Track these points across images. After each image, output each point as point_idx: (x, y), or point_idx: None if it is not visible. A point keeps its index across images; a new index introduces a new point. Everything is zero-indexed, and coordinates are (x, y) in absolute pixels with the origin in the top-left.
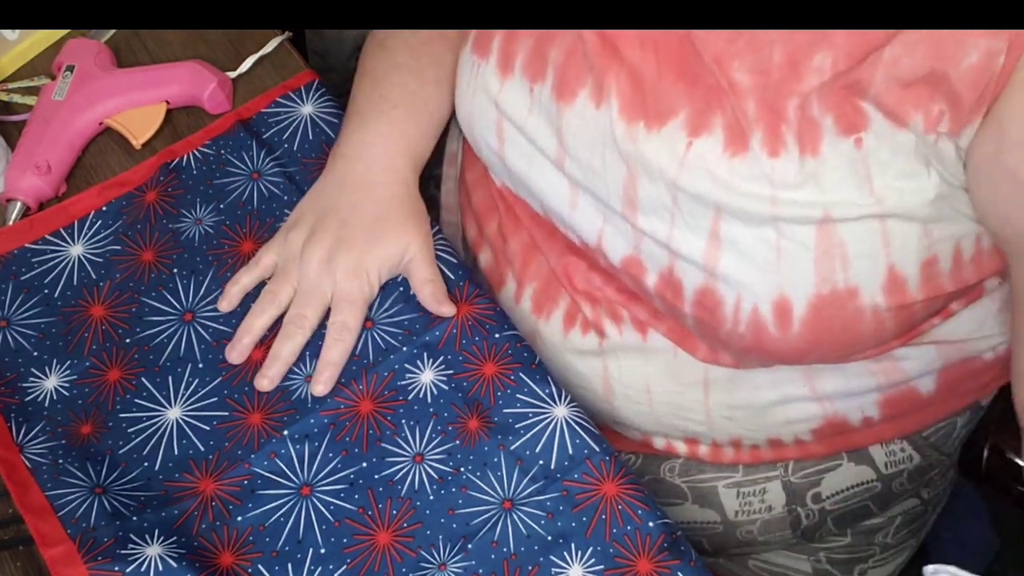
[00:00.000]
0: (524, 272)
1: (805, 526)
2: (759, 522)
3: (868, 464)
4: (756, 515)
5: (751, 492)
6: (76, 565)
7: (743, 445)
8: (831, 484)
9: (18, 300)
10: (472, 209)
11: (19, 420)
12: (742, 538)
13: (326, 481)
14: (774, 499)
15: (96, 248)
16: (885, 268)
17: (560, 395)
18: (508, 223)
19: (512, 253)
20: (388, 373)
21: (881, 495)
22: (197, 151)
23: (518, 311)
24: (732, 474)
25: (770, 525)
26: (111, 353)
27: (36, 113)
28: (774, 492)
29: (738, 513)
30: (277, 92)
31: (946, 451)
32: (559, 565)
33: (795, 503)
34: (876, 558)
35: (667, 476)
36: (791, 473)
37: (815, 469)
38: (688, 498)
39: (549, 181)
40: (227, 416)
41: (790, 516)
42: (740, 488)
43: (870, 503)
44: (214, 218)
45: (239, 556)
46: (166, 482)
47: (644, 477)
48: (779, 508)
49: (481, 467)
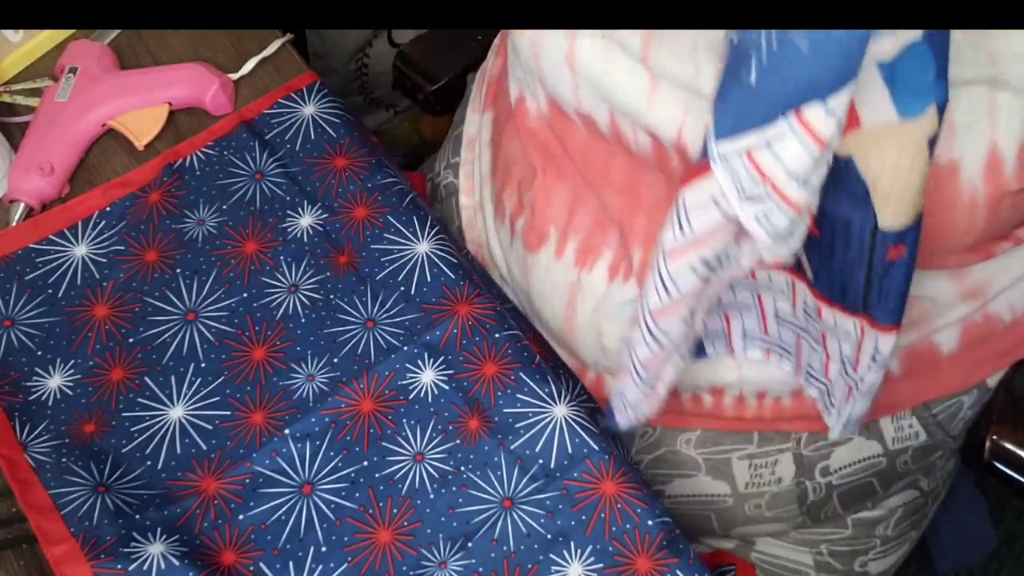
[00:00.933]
0: (569, 224)
1: (811, 501)
2: (767, 495)
3: (877, 439)
4: (765, 487)
5: (763, 464)
6: (79, 563)
7: (768, 396)
8: (840, 458)
9: (22, 300)
10: (512, 180)
11: (23, 419)
12: (750, 513)
13: (327, 480)
14: (784, 471)
15: (100, 248)
16: (988, 144)
17: (560, 394)
18: (551, 174)
19: (556, 208)
20: (389, 373)
21: (886, 472)
22: (200, 152)
23: (559, 266)
24: (746, 445)
25: (778, 499)
26: (114, 352)
27: (39, 114)
28: (785, 464)
29: (748, 485)
30: (279, 93)
31: (951, 432)
32: (559, 564)
33: (804, 476)
34: (877, 550)
35: (683, 448)
36: (803, 446)
37: (826, 442)
38: (702, 469)
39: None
40: (229, 415)
41: (798, 489)
42: (753, 460)
43: (874, 480)
44: (217, 218)
45: (241, 554)
46: (168, 481)
47: (661, 449)
48: (788, 481)
49: (481, 466)
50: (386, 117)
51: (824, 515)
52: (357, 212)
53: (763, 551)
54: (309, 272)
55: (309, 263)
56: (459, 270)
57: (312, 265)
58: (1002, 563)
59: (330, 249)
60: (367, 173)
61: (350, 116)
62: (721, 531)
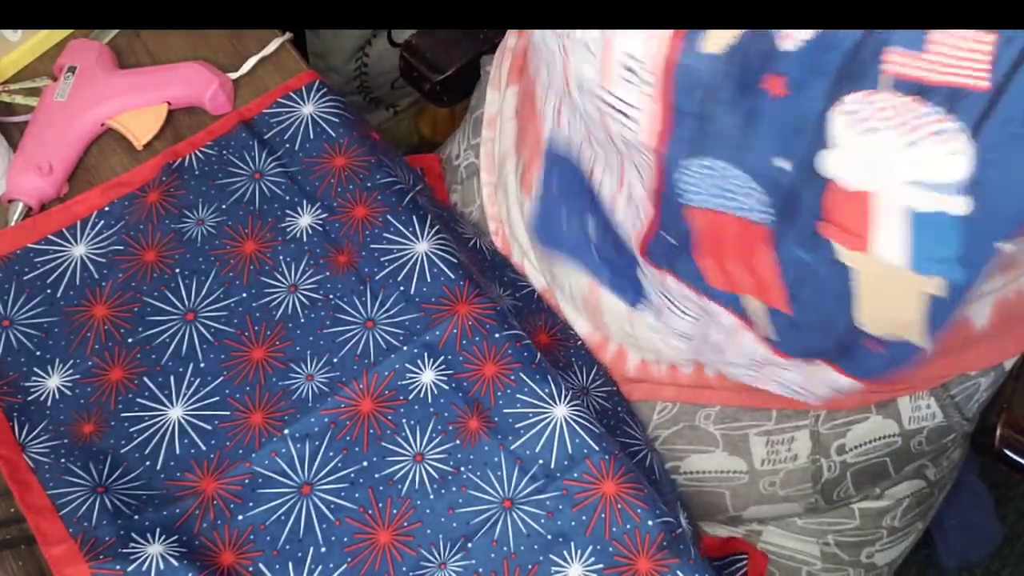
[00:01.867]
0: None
1: (826, 480)
2: (782, 473)
3: (894, 418)
4: (781, 464)
5: (780, 440)
6: (78, 564)
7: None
8: (856, 436)
9: (21, 300)
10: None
11: (21, 419)
12: (764, 492)
13: (327, 480)
14: (800, 448)
15: (99, 248)
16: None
17: (560, 394)
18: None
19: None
20: (389, 373)
21: (900, 452)
22: (199, 151)
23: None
24: (765, 422)
25: (792, 477)
26: (113, 353)
27: (38, 114)
28: (801, 441)
29: (764, 462)
30: (279, 92)
31: (967, 414)
32: (559, 564)
33: (820, 453)
34: (883, 541)
35: (702, 423)
36: (820, 424)
37: (844, 420)
38: (719, 445)
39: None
40: (228, 415)
41: (813, 467)
42: (770, 436)
43: (888, 460)
44: (216, 218)
45: (240, 555)
46: (167, 481)
47: (679, 424)
48: (804, 458)
49: (481, 467)
50: (386, 117)
51: (837, 495)
52: (357, 212)
53: (770, 541)
54: (308, 272)
55: (308, 263)
56: (459, 270)
57: (311, 265)
58: (1005, 561)
59: (329, 249)
60: (366, 172)
61: (350, 115)
62: (734, 510)
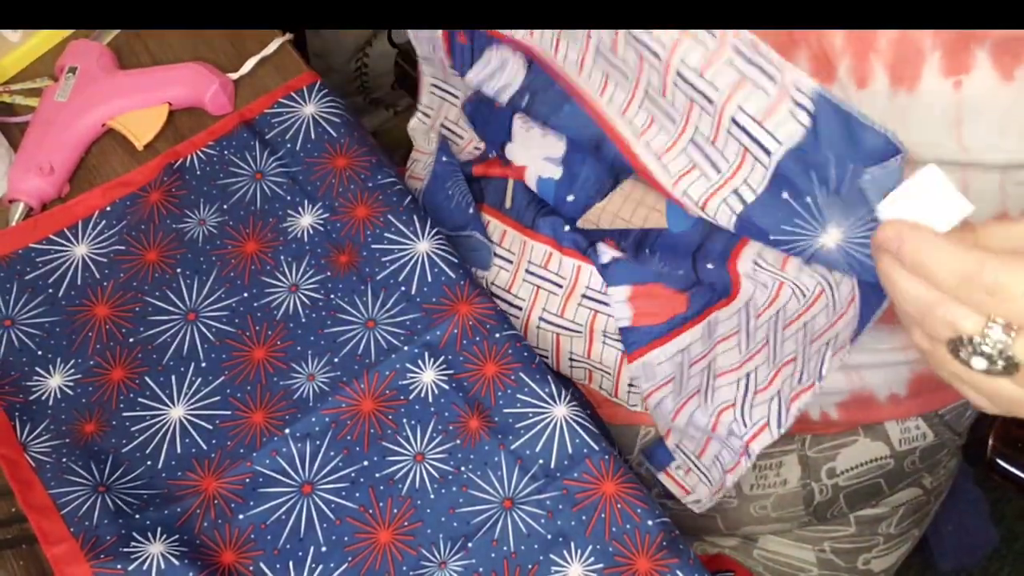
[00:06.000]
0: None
1: (818, 502)
2: (773, 497)
3: (883, 440)
4: (771, 489)
5: (767, 466)
6: (79, 563)
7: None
8: (846, 459)
9: (22, 299)
10: None
11: (23, 419)
12: (756, 514)
13: (327, 479)
14: (789, 473)
15: (100, 248)
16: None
17: (560, 394)
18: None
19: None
20: (389, 373)
21: (893, 473)
22: (200, 152)
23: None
24: None
25: (784, 500)
26: (115, 352)
27: (38, 114)
28: (790, 465)
29: (754, 487)
30: (279, 93)
31: (958, 430)
32: (559, 564)
33: (810, 478)
34: (879, 548)
35: None
36: (808, 447)
37: (831, 444)
38: None
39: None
40: (229, 415)
41: (804, 491)
42: (757, 462)
43: (882, 480)
44: (217, 218)
45: (240, 554)
46: (168, 480)
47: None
48: (794, 482)
49: (481, 466)
50: (386, 117)
51: (831, 514)
52: (357, 212)
53: (766, 548)
54: (309, 272)
55: (309, 263)
56: (459, 269)
57: (312, 265)
58: (1002, 563)
59: (330, 249)
60: (367, 173)
61: (350, 116)
62: (727, 530)
